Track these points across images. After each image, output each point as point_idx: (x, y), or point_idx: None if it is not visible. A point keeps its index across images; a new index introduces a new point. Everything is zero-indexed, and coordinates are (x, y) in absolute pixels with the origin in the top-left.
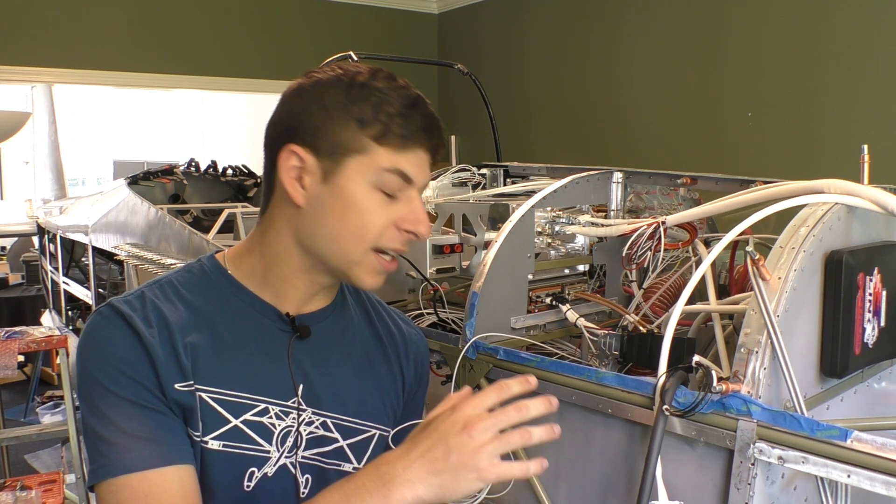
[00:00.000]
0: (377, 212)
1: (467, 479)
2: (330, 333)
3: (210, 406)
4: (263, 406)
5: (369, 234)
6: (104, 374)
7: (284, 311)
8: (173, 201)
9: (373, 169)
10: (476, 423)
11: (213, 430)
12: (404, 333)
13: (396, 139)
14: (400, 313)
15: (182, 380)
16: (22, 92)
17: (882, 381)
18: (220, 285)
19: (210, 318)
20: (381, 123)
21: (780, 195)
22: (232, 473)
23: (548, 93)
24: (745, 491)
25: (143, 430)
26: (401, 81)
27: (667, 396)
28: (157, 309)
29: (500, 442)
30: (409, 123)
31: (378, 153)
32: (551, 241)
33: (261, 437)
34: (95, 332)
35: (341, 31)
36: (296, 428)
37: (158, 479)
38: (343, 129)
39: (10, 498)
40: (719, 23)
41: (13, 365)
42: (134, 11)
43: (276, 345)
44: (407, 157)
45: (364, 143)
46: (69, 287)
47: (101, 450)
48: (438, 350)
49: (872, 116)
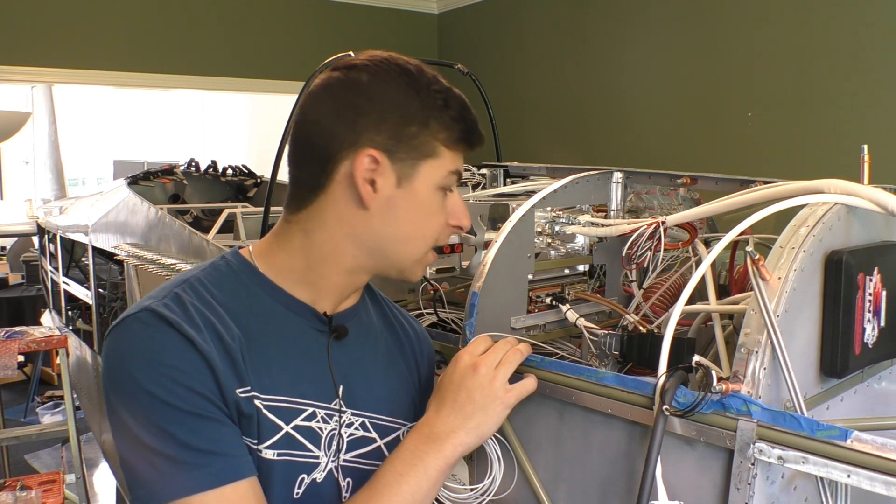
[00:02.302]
0: (441, 212)
1: (496, 409)
2: (359, 332)
3: (263, 413)
4: (311, 410)
5: (435, 233)
6: (159, 385)
7: (322, 311)
8: (173, 201)
9: (442, 172)
10: (479, 363)
11: (266, 438)
12: (417, 331)
13: (459, 143)
14: (405, 312)
15: (240, 385)
16: (22, 92)
17: (882, 381)
18: (250, 284)
19: (245, 319)
20: (450, 129)
21: (780, 195)
22: (284, 482)
23: (548, 93)
24: (745, 491)
25: (211, 445)
26: (444, 80)
27: (667, 396)
28: (200, 312)
29: (505, 366)
30: (467, 127)
31: (446, 156)
32: (551, 241)
33: (311, 442)
34: (140, 342)
35: (341, 31)
36: (338, 431)
37: (235, 496)
38: (420, 133)
39: (10, 498)
40: (719, 23)
41: (13, 365)
42: (134, 11)
43: (314, 345)
44: (459, 156)
45: (436, 148)
46: (69, 287)
47: (161, 468)
48: (438, 350)
49: (872, 116)
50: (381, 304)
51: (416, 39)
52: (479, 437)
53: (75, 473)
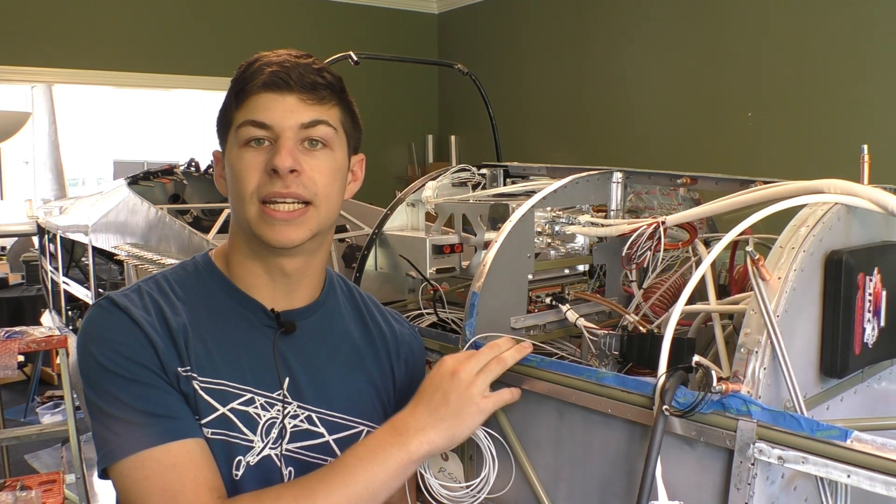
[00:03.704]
0: (253, 167)
1: (469, 414)
2: (318, 330)
3: (200, 394)
4: (249, 396)
5: (252, 187)
6: (109, 359)
7: (270, 308)
8: (173, 201)
9: (236, 130)
10: (460, 367)
11: (203, 417)
12: (396, 333)
13: (241, 94)
14: (395, 313)
15: (181, 364)
16: (22, 92)
17: (882, 381)
18: (210, 283)
19: (199, 313)
20: (234, 87)
21: (780, 195)
22: (223, 461)
23: (548, 93)
24: (744, 491)
25: (157, 408)
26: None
27: (667, 396)
28: (153, 300)
29: (485, 374)
30: (243, 76)
31: (238, 115)
32: (551, 241)
33: (246, 426)
34: (95, 323)
35: (341, 31)
36: (280, 420)
37: (182, 450)
38: (224, 114)
39: (10, 498)
40: (719, 23)
41: (13, 365)
42: (134, 11)
43: (262, 340)
44: (250, 108)
45: (232, 115)
46: (69, 287)
47: (116, 429)
48: (438, 350)
49: (872, 116)
50: (360, 306)
51: (416, 39)
52: (449, 440)
53: (75, 473)
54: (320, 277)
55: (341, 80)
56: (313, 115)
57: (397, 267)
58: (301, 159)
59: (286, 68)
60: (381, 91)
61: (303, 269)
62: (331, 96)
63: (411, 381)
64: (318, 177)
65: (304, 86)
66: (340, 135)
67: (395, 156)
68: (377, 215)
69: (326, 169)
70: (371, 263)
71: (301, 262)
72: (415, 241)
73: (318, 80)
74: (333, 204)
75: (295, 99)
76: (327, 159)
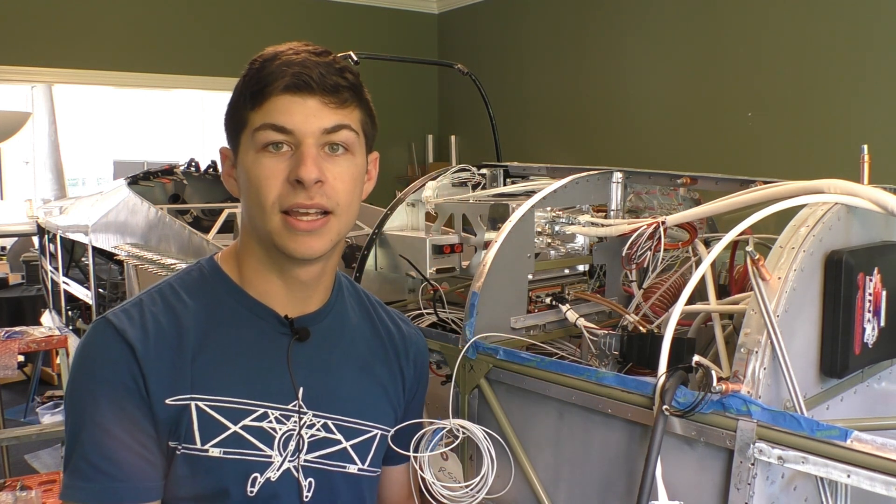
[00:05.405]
0: (274, 173)
1: None
2: (329, 334)
3: (208, 414)
4: (262, 411)
5: (273, 195)
6: (87, 392)
7: (284, 314)
8: (173, 201)
9: (252, 134)
10: None
11: (212, 437)
12: (404, 333)
13: (257, 97)
14: (399, 313)
15: (174, 394)
16: (22, 92)
17: (882, 381)
18: (218, 288)
19: (206, 323)
20: (247, 87)
21: (780, 195)
22: (236, 480)
23: (548, 93)
24: (744, 491)
25: (107, 465)
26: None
27: (667, 396)
28: (155, 319)
29: None
30: (258, 76)
31: (253, 118)
32: (551, 241)
33: (261, 441)
34: (86, 348)
35: (341, 31)
36: (297, 432)
37: None
38: (235, 111)
39: (10, 498)
40: (719, 23)
41: (13, 365)
42: (134, 11)
43: (274, 348)
44: (267, 111)
45: (245, 116)
46: (69, 287)
47: (69, 464)
48: (438, 350)
49: (872, 116)
50: (368, 306)
51: (416, 39)
52: None
53: None
54: (332, 280)
55: (359, 77)
56: (336, 119)
57: (397, 267)
58: (324, 167)
59: (307, 68)
60: (381, 91)
61: (318, 276)
62: (352, 98)
63: (419, 381)
64: (341, 185)
65: (326, 88)
66: (361, 138)
67: (395, 156)
68: (377, 215)
69: (348, 176)
70: (371, 263)
71: (318, 270)
72: (415, 241)
73: (341, 81)
74: (353, 211)
75: (317, 102)
76: (349, 165)
